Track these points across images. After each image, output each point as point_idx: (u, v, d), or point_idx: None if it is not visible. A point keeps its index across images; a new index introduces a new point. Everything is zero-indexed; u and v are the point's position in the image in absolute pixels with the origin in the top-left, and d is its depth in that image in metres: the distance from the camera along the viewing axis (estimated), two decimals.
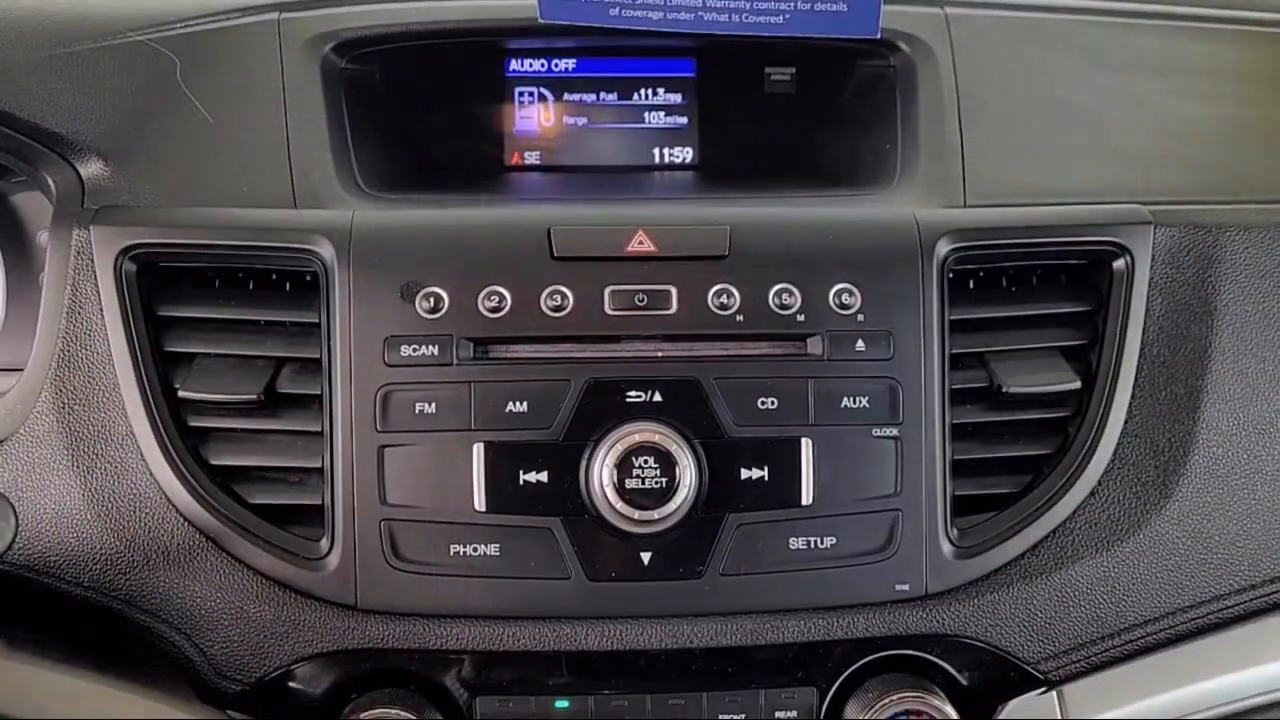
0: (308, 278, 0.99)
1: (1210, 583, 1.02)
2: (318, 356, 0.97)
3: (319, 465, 0.96)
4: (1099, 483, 1.01)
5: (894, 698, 0.95)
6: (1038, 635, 1.00)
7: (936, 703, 0.95)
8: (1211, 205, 1.09)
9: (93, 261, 0.98)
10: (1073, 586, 1.00)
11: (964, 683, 1.00)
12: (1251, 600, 1.02)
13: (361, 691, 0.96)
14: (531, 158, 1.32)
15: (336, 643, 0.96)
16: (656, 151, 1.28)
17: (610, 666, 0.97)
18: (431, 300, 0.95)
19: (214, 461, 0.98)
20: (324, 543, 0.96)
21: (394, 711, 0.93)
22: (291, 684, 0.97)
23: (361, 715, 0.93)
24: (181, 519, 0.96)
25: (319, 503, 0.96)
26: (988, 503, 1.01)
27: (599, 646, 0.97)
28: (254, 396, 0.96)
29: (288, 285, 1.01)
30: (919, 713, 0.95)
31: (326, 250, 0.97)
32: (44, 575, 0.96)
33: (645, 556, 0.95)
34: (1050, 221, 1.04)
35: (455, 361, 0.95)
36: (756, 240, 0.99)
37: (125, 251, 0.98)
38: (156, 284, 1.00)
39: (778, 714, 0.98)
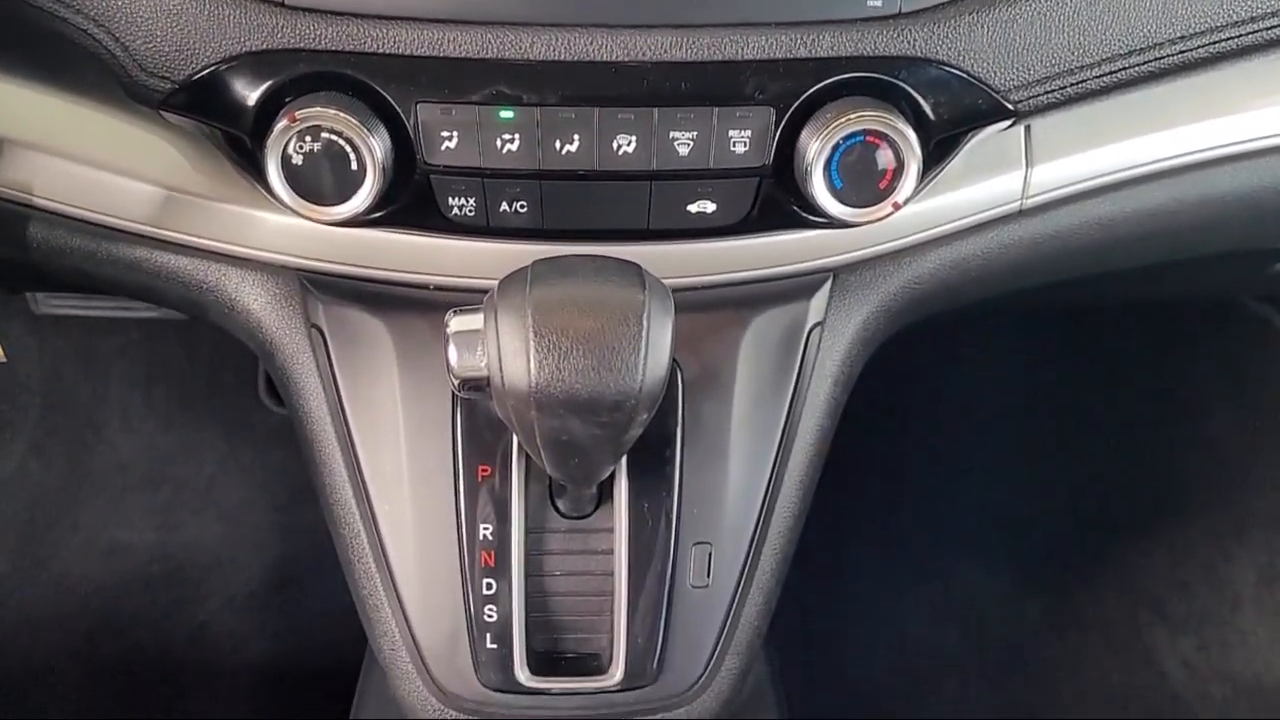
0: None
1: (1210, 13, 0.93)
2: None
3: None
4: None
5: (853, 116, 0.90)
6: (1013, 62, 0.93)
7: (898, 125, 0.90)
8: None
9: None
10: (1058, 11, 0.92)
11: (928, 111, 0.94)
12: (1251, 34, 0.94)
13: (297, 95, 0.92)
14: None
15: (266, 41, 0.90)
16: None
17: (557, 77, 0.92)
18: None
19: None
20: None
21: (331, 111, 0.89)
22: (223, 85, 0.92)
23: (297, 114, 0.89)
24: None
25: None
26: None
27: (546, 56, 0.91)
28: None
29: None
30: (878, 134, 0.91)
31: None
32: None
33: None
34: None
35: None
36: None
37: None
38: None
39: (731, 133, 0.94)
